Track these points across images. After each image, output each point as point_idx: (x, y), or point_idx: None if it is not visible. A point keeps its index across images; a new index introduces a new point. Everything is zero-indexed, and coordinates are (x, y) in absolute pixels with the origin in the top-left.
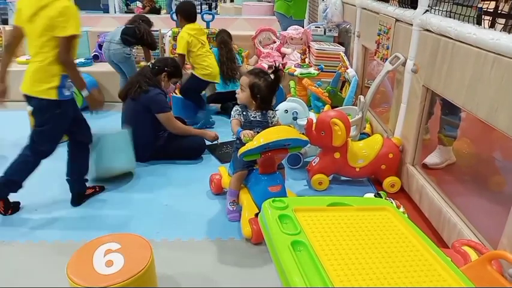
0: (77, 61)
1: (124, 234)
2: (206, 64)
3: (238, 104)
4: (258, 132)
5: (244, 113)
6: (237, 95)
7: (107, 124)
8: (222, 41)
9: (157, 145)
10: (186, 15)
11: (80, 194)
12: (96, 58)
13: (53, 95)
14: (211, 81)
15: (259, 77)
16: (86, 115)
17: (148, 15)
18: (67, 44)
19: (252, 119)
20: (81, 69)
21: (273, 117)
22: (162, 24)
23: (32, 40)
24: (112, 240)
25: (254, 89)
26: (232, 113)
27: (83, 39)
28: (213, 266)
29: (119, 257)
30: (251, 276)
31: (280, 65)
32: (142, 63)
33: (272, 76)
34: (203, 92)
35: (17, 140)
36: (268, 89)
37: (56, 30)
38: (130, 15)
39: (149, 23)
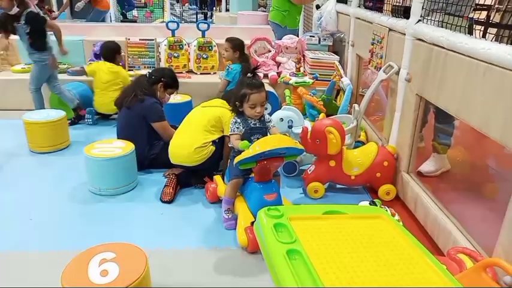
0: (70, 70)
1: (119, 243)
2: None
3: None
4: (257, 139)
5: (243, 122)
6: (257, 114)
7: (103, 131)
8: (246, 59)
9: (153, 154)
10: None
11: None
12: None
13: None
14: None
15: (253, 86)
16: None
17: None
18: None
19: (253, 126)
20: (76, 77)
21: (269, 121)
22: (158, 33)
23: None
24: (107, 250)
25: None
26: (231, 126)
27: (78, 47)
28: (209, 274)
29: (114, 266)
30: (247, 285)
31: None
32: (139, 72)
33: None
34: None
35: (12, 148)
36: None
37: None
38: (126, 24)
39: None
